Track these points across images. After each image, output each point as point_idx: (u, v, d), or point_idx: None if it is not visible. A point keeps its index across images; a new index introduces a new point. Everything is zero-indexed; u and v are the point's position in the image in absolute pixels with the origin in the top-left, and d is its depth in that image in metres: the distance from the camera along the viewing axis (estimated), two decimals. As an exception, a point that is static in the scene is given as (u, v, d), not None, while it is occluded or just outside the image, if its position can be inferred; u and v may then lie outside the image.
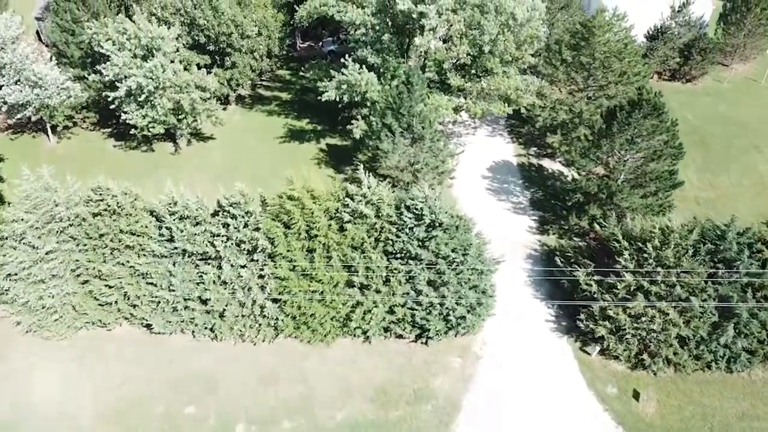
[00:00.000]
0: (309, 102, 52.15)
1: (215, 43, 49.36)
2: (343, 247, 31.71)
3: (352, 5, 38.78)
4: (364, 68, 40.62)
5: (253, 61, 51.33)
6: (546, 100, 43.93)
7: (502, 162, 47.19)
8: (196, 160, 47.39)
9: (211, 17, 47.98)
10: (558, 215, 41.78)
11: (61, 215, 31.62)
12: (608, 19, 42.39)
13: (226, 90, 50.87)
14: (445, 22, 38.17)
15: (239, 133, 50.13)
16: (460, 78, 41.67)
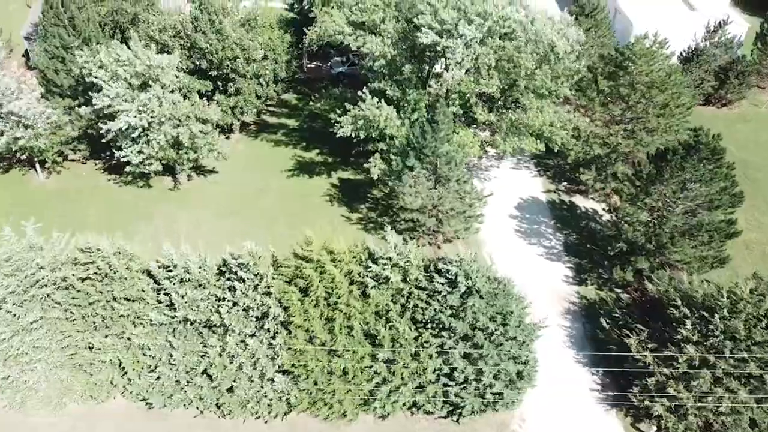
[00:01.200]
0: (318, 130, 48.46)
1: (218, 68, 45.58)
2: (366, 316, 27.94)
3: (370, 35, 35.08)
4: (383, 102, 36.86)
5: (258, 86, 47.54)
6: (578, 132, 40.16)
7: (530, 199, 43.43)
8: (198, 197, 43.58)
9: (214, 41, 44.20)
10: (596, 262, 38.05)
11: (46, 279, 27.81)
12: (649, 47, 38.63)
13: (229, 119, 47.08)
14: (472, 54, 34.47)
15: (244, 166, 46.32)
16: (487, 111, 37.94)
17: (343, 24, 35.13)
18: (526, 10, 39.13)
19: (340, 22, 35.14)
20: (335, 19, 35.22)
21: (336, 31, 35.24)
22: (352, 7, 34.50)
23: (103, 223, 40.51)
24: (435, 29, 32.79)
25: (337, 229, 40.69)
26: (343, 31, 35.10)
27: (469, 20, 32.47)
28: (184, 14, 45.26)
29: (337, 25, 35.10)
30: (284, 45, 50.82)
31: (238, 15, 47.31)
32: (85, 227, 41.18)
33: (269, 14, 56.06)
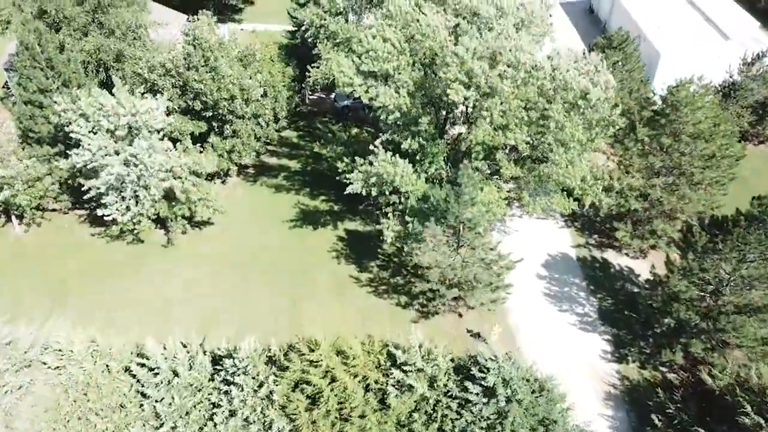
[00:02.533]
0: (322, 173, 44.45)
1: (213, 108, 41.48)
2: (385, 427, 23.86)
3: (383, 86, 31.00)
4: (397, 157, 32.77)
5: (257, 127, 43.43)
6: (612, 183, 36.12)
7: (558, 255, 39.33)
8: (193, 253, 39.39)
9: (209, 81, 40.12)
10: (636, 333, 33.99)
11: (10, 386, 23.72)
12: (696, 92, 34.58)
13: (225, 164, 42.97)
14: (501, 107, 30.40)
15: (242, 215, 42.18)
16: (513, 165, 33.86)
17: (352, 74, 31.08)
18: (554, 48, 35.21)
19: (349, 72, 31.10)
20: (343, 69, 31.19)
21: (344, 83, 31.17)
22: (363, 55, 30.47)
23: (85, 289, 36.53)
24: (462, 81, 28.75)
25: (346, 293, 36.71)
26: (353, 82, 31.04)
27: (500, 75, 28.42)
28: (174, 51, 41.12)
29: (346, 76, 31.06)
30: (285, 80, 46.83)
31: (235, 50, 43.28)
32: (66, 294, 37.29)
33: (268, 42, 52.27)
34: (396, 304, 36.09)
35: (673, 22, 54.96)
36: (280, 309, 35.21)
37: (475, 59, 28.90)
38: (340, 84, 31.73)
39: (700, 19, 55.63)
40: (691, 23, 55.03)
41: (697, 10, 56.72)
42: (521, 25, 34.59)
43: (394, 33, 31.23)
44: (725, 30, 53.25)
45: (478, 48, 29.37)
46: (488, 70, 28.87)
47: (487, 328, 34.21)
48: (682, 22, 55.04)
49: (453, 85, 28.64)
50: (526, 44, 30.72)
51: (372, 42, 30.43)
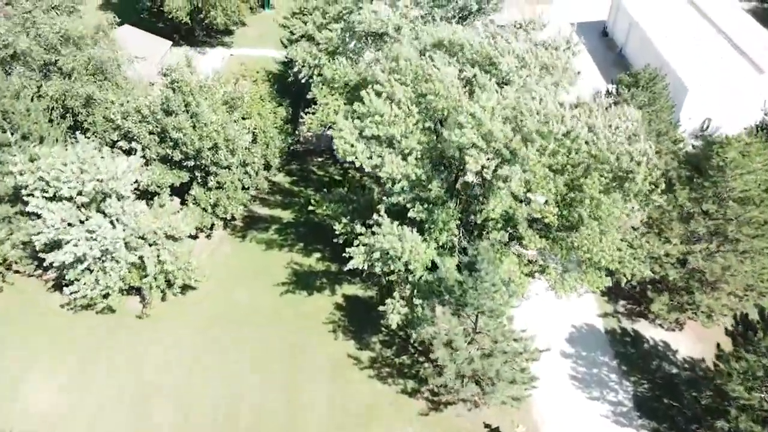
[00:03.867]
0: (318, 224, 39.92)
1: (195, 158, 37.04)
2: None
3: (389, 152, 26.50)
4: (404, 229, 28.28)
5: (245, 176, 38.94)
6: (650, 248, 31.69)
7: (584, 327, 34.94)
8: (171, 326, 34.89)
9: (189, 130, 35.67)
10: (679, 428, 29.61)
11: None
12: (746, 147, 30.17)
13: (209, 220, 38.47)
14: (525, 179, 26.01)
15: (229, 278, 37.72)
16: (537, 236, 29.39)
17: (354, 140, 26.60)
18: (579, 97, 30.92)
19: (350, 138, 26.61)
20: (344, 135, 26.70)
21: (345, 150, 26.69)
22: (366, 118, 25.95)
23: (45, 371, 32.06)
24: (479, 147, 24.32)
25: (345, 377, 32.26)
26: (355, 150, 26.57)
27: (525, 138, 24.00)
28: (152, 94, 36.61)
29: (347, 143, 26.59)
30: (278, 121, 42.36)
31: (219, 90, 38.79)
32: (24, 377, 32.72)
33: (259, 71, 47.80)
34: (402, 390, 31.70)
35: (699, 51, 50.59)
36: (272, 406, 30.79)
37: (495, 121, 24.45)
38: (339, 151, 27.20)
39: (728, 47, 51.26)
40: (719, 52, 50.66)
41: (725, 37, 52.32)
42: (544, 73, 30.22)
43: (403, 90, 26.75)
44: (758, 61, 48.87)
45: (497, 107, 24.94)
46: (510, 134, 24.44)
47: (508, 423, 29.82)
48: (709, 51, 50.67)
49: (469, 151, 24.17)
50: (553, 102, 26.38)
51: (376, 104, 25.93)
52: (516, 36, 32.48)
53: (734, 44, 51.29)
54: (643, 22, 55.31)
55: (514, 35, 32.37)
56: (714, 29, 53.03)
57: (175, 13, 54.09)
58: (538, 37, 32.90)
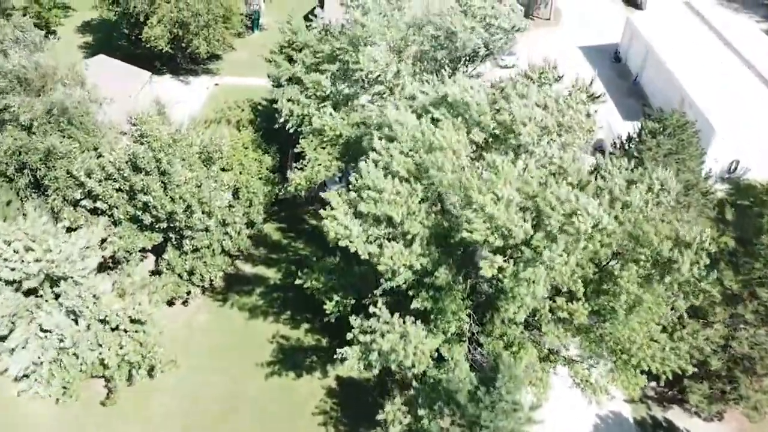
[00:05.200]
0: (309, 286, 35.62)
1: (168, 220, 32.79)
2: None
3: (389, 238, 22.22)
4: (406, 323, 24.01)
5: (225, 237, 34.62)
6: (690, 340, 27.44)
7: (609, 417, 30.66)
8: (137, 417, 30.59)
9: (159, 192, 31.42)
10: None
11: None
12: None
13: (185, 288, 34.18)
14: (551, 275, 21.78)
15: (206, 353, 33.46)
16: (561, 331, 25.08)
17: (348, 221, 22.31)
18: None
19: (344, 219, 22.34)
20: (337, 215, 22.44)
21: (338, 234, 22.40)
22: (364, 194, 21.67)
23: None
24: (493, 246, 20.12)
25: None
26: (350, 234, 22.31)
27: (549, 234, 19.77)
28: (117, 151, 32.26)
29: (340, 225, 22.32)
30: (263, 170, 38.06)
31: (197, 141, 34.46)
32: None
33: (245, 102, 43.40)
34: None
35: (724, 84, 46.40)
36: None
37: (511, 212, 20.19)
38: (331, 234, 22.88)
39: (755, 80, 47.14)
40: (745, 86, 46.51)
41: (750, 68, 48.21)
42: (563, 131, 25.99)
43: (403, 161, 22.46)
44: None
45: (514, 194, 20.64)
46: (530, 230, 20.19)
47: None
48: (734, 85, 46.52)
49: (484, 260, 19.92)
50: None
51: (375, 178, 21.63)
52: (528, 88, 28.23)
53: (762, 77, 47.14)
54: (661, 50, 51.13)
55: (525, 85, 28.15)
56: (738, 59, 48.88)
57: (153, 42, 49.74)
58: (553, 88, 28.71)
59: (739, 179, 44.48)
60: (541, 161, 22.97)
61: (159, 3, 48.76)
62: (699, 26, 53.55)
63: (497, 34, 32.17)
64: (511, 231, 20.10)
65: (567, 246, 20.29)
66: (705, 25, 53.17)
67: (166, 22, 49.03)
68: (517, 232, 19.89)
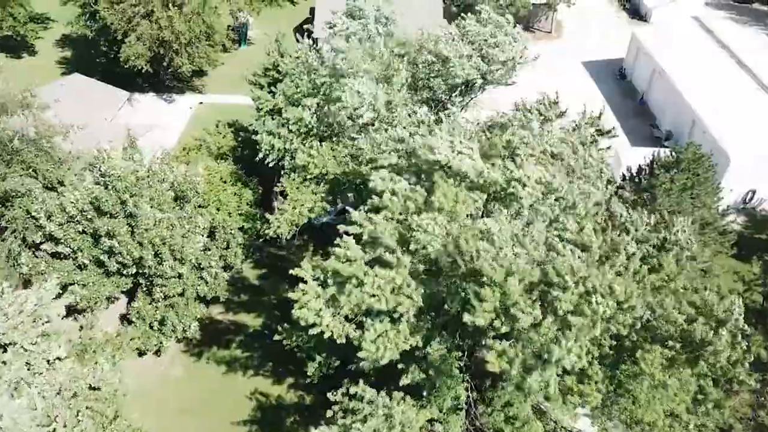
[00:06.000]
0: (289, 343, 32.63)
1: (137, 265, 29.91)
2: None
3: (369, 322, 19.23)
4: (393, 400, 21.12)
5: (200, 282, 31.69)
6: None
7: (622, 489, 27.64)
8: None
9: (125, 237, 28.55)
10: None
11: None
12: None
13: (155, 340, 31.27)
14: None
15: (177, 412, 30.45)
16: (568, 405, 22.20)
17: (321, 304, 19.34)
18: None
19: (315, 303, 19.31)
20: (308, 298, 19.47)
21: (308, 321, 19.42)
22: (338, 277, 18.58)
23: None
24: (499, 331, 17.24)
25: None
26: (320, 320, 19.36)
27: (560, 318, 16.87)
28: (78, 193, 29.30)
29: (310, 310, 19.38)
30: (243, 206, 35.18)
31: (170, 177, 31.54)
32: None
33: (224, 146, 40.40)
34: None
35: (739, 110, 43.51)
36: None
37: (517, 292, 17.27)
38: (301, 321, 19.95)
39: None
40: (763, 111, 43.57)
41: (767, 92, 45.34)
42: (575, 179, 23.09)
43: (389, 230, 19.50)
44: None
45: (520, 269, 17.71)
46: (539, 314, 17.29)
47: None
48: (750, 110, 43.61)
49: (491, 351, 17.05)
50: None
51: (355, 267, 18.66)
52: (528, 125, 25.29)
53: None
54: (669, 69, 48.27)
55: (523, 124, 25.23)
56: (753, 81, 46.00)
57: (133, 61, 46.79)
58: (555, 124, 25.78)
59: (755, 210, 41.69)
60: (553, 226, 20.04)
61: (138, 21, 45.78)
62: (710, 43, 50.70)
63: (495, 65, 29.25)
64: (518, 317, 17.16)
65: (581, 330, 17.39)
66: (716, 43, 50.33)
67: (146, 40, 46.06)
68: (525, 320, 16.95)
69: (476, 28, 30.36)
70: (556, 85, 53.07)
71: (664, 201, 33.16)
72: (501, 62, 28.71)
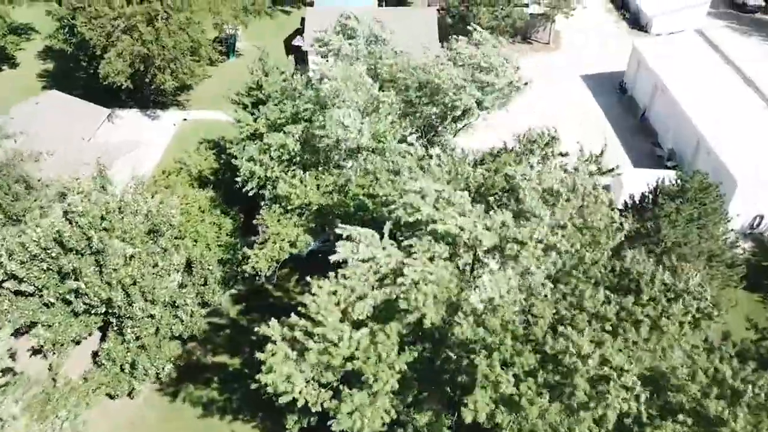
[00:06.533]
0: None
1: (107, 305, 27.95)
2: None
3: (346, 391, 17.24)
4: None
5: (175, 321, 29.71)
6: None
7: None
8: None
9: (92, 277, 26.58)
10: None
11: None
12: None
13: (126, 384, 29.27)
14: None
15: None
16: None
17: (291, 367, 17.41)
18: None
19: (286, 366, 17.28)
20: (277, 360, 17.42)
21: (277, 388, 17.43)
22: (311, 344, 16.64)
23: None
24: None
25: None
26: (292, 388, 17.39)
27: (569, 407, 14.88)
28: (41, 229, 27.29)
29: (280, 375, 17.37)
30: (222, 236, 33.20)
31: (144, 208, 29.49)
32: None
33: (205, 168, 38.32)
34: None
35: (746, 130, 41.53)
36: None
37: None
38: (270, 387, 18.01)
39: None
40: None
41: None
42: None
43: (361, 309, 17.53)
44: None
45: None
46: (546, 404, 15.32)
47: None
48: (759, 130, 41.60)
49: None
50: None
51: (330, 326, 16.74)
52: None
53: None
54: (672, 85, 46.33)
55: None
56: (761, 101, 43.97)
57: (112, 78, 44.80)
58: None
59: (763, 236, 39.75)
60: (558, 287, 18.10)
61: (118, 35, 43.80)
62: (714, 58, 48.71)
63: (489, 91, 27.29)
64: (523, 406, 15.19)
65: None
66: (721, 57, 48.36)
67: (127, 56, 44.08)
68: (532, 412, 14.96)
69: (468, 51, 28.42)
70: (553, 99, 52.05)
71: (670, 233, 31.27)
72: (497, 89, 26.76)
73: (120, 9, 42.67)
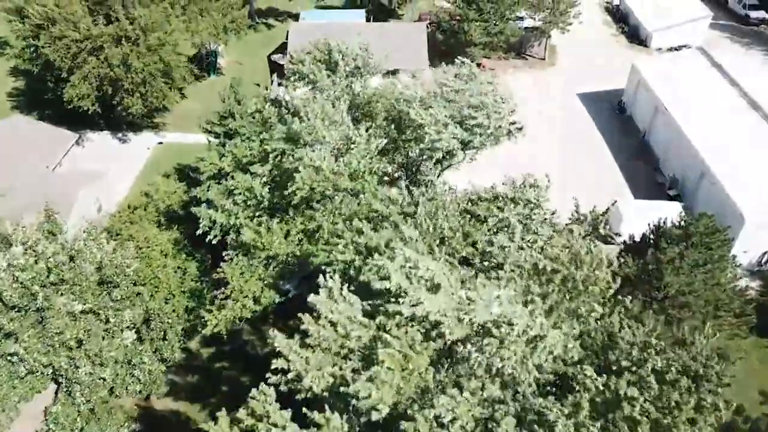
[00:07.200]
0: None
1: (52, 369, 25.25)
2: None
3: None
4: None
5: (131, 379, 27.00)
6: None
7: None
8: None
9: (32, 341, 23.91)
10: None
11: None
12: None
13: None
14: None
15: None
16: None
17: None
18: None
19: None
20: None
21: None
22: None
23: None
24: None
25: None
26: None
27: None
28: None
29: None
30: (186, 282, 30.50)
31: (96, 257, 26.71)
32: None
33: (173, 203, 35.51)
34: None
35: (754, 160, 38.81)
36: None
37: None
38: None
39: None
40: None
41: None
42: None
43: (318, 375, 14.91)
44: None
45: None
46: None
47: None
48: (766, 159, 39.06)
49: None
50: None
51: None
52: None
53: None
54: (675, 110, 43.68)
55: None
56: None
57: (77, 103, 42.12)
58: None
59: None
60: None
61: (84, 57, 41.10)
62: (718, 79, 46.08)
63: (477, 133, 24.63)
64: None
65: None
66: (725, 79, 45.75)
67: (92, 79, 41.40)
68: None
69: (457, 85, 25.81)
70: (548, 120, 49.43)
71: (673, 280, 28.67)
72: (487, 132, 24.13)
73: (86, 31, 39.92)
